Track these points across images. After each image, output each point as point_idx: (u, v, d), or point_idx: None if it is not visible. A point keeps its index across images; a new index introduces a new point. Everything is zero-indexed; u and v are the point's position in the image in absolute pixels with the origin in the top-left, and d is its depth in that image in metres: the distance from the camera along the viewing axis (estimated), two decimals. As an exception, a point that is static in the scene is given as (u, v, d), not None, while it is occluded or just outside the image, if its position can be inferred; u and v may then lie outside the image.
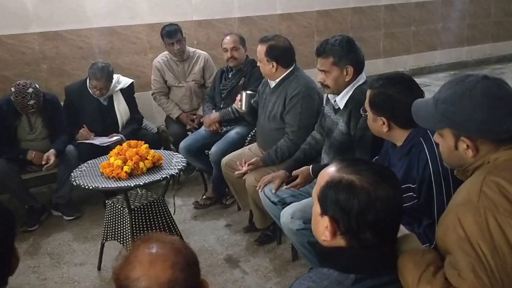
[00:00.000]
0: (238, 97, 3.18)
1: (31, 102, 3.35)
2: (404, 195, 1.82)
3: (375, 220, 1.13)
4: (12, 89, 3.36)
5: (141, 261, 1.05)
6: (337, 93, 2.50)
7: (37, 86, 3.43)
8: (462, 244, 1.18)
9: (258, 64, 3.05)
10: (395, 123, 1.97)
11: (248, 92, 3.19)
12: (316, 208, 1.21)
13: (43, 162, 3.46)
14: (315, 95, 2.95)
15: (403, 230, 1.37)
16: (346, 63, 2.40)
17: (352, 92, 2.45)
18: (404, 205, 1.31)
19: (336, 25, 5.72)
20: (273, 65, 2.94)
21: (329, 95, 2.58)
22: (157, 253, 1.07)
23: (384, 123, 1.97)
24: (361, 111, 2.09)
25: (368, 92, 2.03)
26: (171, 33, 3.93)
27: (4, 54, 4.21)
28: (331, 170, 1.20)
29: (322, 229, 1.18)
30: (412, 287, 1.15)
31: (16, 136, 3.56)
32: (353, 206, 1.13)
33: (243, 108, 3.17)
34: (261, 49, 2.96)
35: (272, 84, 3.05)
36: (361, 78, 2.48)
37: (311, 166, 2.52)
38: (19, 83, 3.38)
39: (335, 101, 2.51)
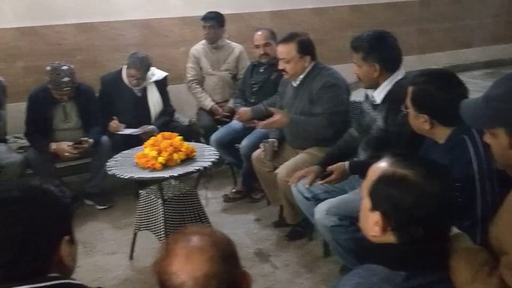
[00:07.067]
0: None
1: (66, 79, 3.41)
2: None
3: (427, 216, 1.10)
4: (48, 67, 3.43)
5: (178, 255, 1.04)
6: (370, 87, 2.49)
7: (72, 66, 3.48)
8: (522, 244, 1.15)
9: (282, 66, 3.01)
10: (437, 120, 1.93)
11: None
12: (366, 203, 1.18)
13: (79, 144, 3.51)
14: (341, 84, 2.96)
15: (453, 229, 1.34)
16: (373, 60, 2.38)
17: (390, 87, 2.41)
18: None
19: (368, 20, 5.63)
20: (305, 60, 2.96)
21: (367, 91, 2.55)
22: (193, 247, 1.06)
23: (426, 120, 1.93)
24: (402, 108, 2.05)
25: (410, 89, 1.99)
26: (206, 17, 4.15)
27: (40, 44, 4.30)
28: (383, 165, 1.18)
29: (372, 224, 1.16)
30: (466, 286, 1.12)
31: (52, 125, 3.62)
32: (405, 201, 1.10)
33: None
34: (288, 48, 2.95)
35: (296, 82, 3.05)
36: (399, 73, 2.44)
37: (347, 162, 2.48)
38: (54, 62, 3.48)
39: (373, 96, 2.48)
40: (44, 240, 1.12)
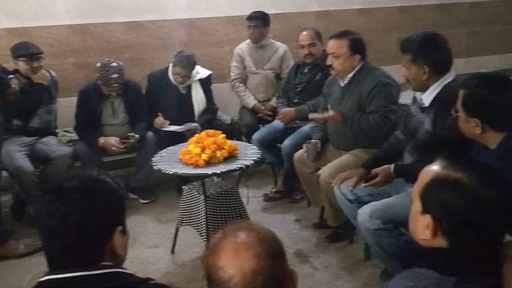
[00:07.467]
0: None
1: (115, 75, 3.53)
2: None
3: (480, 221, 1.08)
4: (98, 64, 3.57)
5: (226, 250, 1.05)
6: (418, 89, 2.44)
7: (120, 63, 3.61)
8: None
9: (331, 61, 2.99)
10: (489, 125, 1.88)
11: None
12: (416, 206, 1.17)
13: (124, 140, 3.61)
14: (394, 83, 2.94)
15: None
16: (422, 62, 2.33)
17: (440, 89, 2.36)
18: None
19: (416, 22, 5.50)
20: (355, 59, 2.92)
21: (415, 94, 2.51)
22: (241, 242, 1.07)
23: (477, 125, 1.89)
24: (452, 111, 2.01)
25: (461, 92, 1.95)
26: (251, 17, 4.19)
27: (91, 42, 4.43)
28: (436, 167, 1.16)
29: (422, 228, 1.14)
30: (519, 296, 1.09)
31: (101, 120, 3.74)
32: (458, 205, 1.08)
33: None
34: (340, 44, 2.93)
35: (344, 82, 3.02)
36: (449, 76, 2.39)
37: (393, 165, 2.45)
38: (104, 59, 3.61)
39: (421, 99, 2.43)
40: (99, 229, 1.16)
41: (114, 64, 3.55)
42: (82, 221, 1.12)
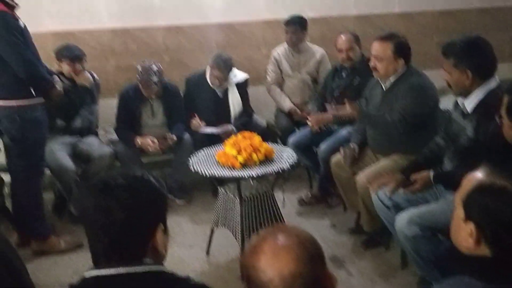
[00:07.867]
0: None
1: (155, 78, 3.62)
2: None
3: None
4: (138, 67, 3.66)
5: (266, 252, 1.06)
6: (461, 94, 2.39)
7: (161, 66, 3.71)
8: None
9: (374, 63, 2.96)
10: (535, 132, 1.82)
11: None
12: (459, 213, 1.15)
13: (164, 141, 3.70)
14: (429, 89, 2.87)
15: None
16: (465, 66, 2.29)
17: (483, 96, 2.31)
18: None
19: (458, 26, 5.37)
20: (398, 63, 2.88)
21: (458, 99, 2.45)
22: (281, 245, 1.07)
23: None
24: (496, 118, 1.96)
25: (506, 98, 1.90)
26: (288, 22, 4.16)
27: (132, 45, 4.54)
28: (480, 174, 1.14)
29: (465, 235, 1.12)
30: None
31: (140, 121, 3.83)
32: (503, 213, 1.06)
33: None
34: (385, 46, 2.89)
35: (385, 85, 2.98)
36: (493, 81, 2.33)
37: (432, 171, 2.40)
38: (145, 60, 3.71)
39: (463, 104, 2.38)
40: (143, 226, 1.20)
41: (154, 67, 3.64)
42: (127, 218, 1.15)
